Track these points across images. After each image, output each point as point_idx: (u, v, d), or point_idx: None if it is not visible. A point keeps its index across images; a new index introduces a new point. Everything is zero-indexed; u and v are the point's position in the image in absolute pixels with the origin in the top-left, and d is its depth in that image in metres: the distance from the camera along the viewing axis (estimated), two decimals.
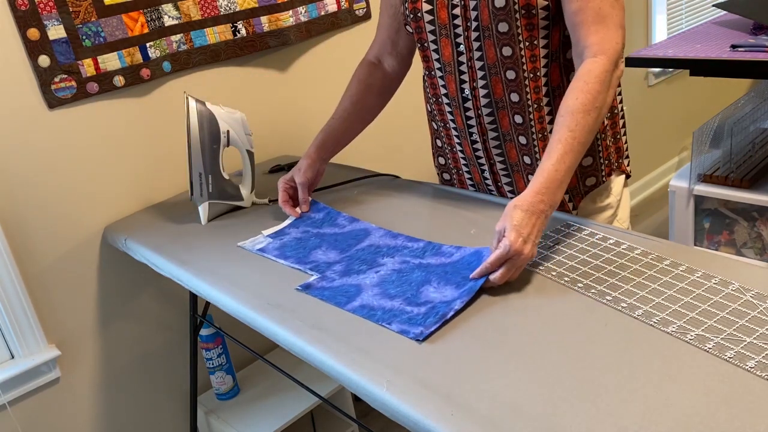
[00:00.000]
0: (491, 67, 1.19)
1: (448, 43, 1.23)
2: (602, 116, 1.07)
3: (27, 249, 1.52)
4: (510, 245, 0.96)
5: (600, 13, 1.08)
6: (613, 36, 1.08)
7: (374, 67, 1.42)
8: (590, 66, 1.07)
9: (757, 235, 2.22)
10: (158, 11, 1.61)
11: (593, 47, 1.08)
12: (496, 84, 1.20)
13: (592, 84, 1.05)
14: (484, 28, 1.17)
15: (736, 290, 0.90)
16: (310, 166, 1.40)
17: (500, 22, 1.14)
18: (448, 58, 1.24)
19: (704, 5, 3.36)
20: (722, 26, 2.25)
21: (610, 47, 1.07)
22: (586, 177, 1.27)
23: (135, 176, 1.67)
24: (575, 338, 0.86)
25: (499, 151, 1.27)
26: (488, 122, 1.25)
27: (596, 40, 1.08)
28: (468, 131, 1.29)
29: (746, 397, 0.72)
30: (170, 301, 1.80)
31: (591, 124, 1.04)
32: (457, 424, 0.75)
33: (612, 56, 1.07)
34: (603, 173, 1.28)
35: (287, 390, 1.79)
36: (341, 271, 1.13)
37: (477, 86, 1.23)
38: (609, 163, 1.29)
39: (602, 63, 1.06)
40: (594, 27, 1.08)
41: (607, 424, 0.71)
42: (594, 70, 1.06)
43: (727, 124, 2.26)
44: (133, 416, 1.79)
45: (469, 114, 1.26)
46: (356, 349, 0.91)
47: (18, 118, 1.47)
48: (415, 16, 1.25)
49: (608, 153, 1.28)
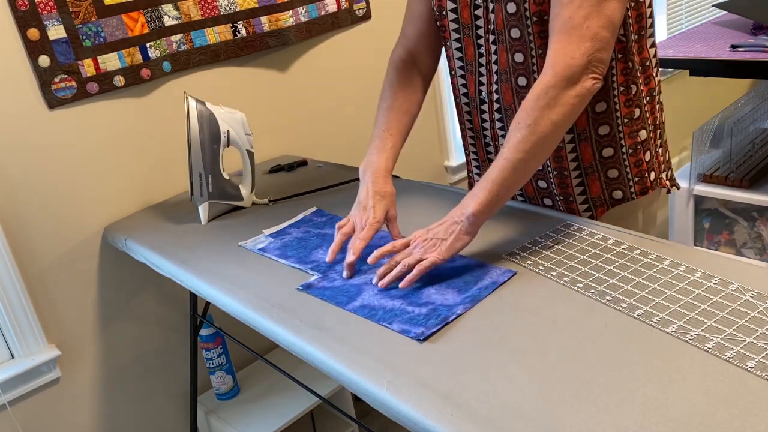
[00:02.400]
0: (503, 72, 1.17)
1: (471, 42, 1.20)
2: (539, 135, 0.98)
3: (27, 249, 1.52)
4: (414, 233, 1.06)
5: (569, 23, 0.99)
6: (572, 49, 0.98)
7: (411, 68, 1.29)
8: (535, 83, 1.00)
9: (757, 235, 2.22)
10: (158, 11, 1.61)
11: (548, 59, 1.00)
12: (506, 90, 1.17)
13: (528, 101, 1.00)
14: (498, 32, 1.14)
15: (736, 290, 0.90)
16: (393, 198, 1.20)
17: (512, 27, 1.10)
18: (470, 58, 1.22)
19: (704, 5, 3.36)
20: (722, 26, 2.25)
21: (562, 62, 0.98)
22: (612, 189, 1.20)
23: (135, 176, 1.67)
24: (575, 338, 0.86)
25: None
26: (499, 127, 1.23)
27: (551, 52, 1.00)
28: (482, 133, 1.27)
29: (746, 397, 0.72)
30: (170, 301, 1.80)
31: (520, 142, 0.98)
32: (457, 424, 0.75)
33: (561, 72, 0.98)
34: (633, 189, 1.20)
35: (287, 390, 1.79)
36: (342, 271, 1.13)
37: (492, 90, 1.21)
38: (643, 179, 1.21)
39: (545, 80, 0.99)
40: (557, 37, 1.00)
41: (607, 424, 0.71)
42: (535, 87, 1.00)
43: (727, 124, 2.26)
44: (133, 416, 1.79)
45: (484, 116, 1.25)
46: (356, 349, 0.91)
47: (18, 118, 1.47)
48: (440, 14, 1.22)
49: (642, 170, 1.20)
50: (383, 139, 1.23)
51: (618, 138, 1.16)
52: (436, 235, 1.03)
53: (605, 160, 1.18)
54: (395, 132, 1.24)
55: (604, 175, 1.19)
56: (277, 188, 1.62)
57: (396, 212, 1.19)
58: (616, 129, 1.16)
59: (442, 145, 2.39)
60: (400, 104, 1.26)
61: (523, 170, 1.01)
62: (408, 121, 1.27)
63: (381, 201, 1.16)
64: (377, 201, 1.16)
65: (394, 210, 1.18)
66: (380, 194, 1.17)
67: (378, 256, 1.06)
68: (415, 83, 1.29)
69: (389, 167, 1.22)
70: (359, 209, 1.17)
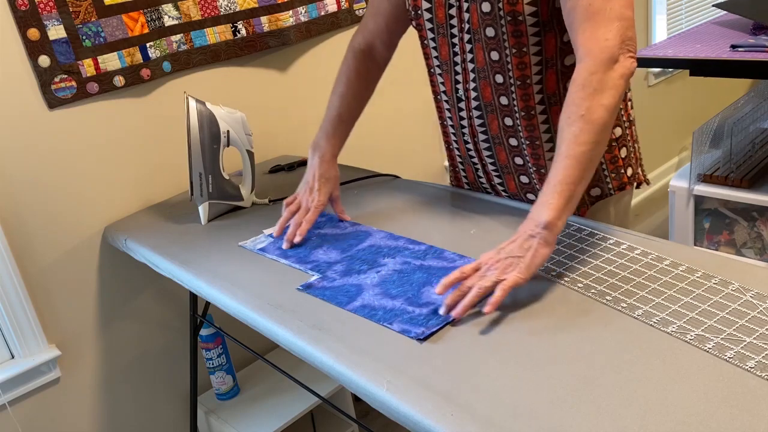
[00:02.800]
0: (480, 70, 1.18)
1: (445, 42, 1.22)
2: (595, 124, 0.95)
3: (27, 249, 1.52)
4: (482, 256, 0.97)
5: (590, 9, 0.98)
6: (603, 33, 0.97)
7: (368, 57, 1.36)
8: (575, 74, 0.99)
9: (757, 235, 2.22)
10: (158, 11, 1.61)
11: (580, 50, 1.00)
12: (485, 87, 1.19)
13: (574, 93, 0.97)
14: (474, 31, 1.15)
15: (736, 290, 0.90)
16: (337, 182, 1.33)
17: (487, 26, 1.12)
18: (445, 57, 1.24)
19: (704, 5, 3.36)
20: (722, 26, 2.25)
21: (597, 46, 0.97)
22: (590, 187, 1.23)
23: (135, 176, 1.67)
24: (575, 338, 0.86)
25: (489, 152, 1.27)
26: (478, 124, 1.24)
27: (582, 41, 0.99)
28: (461, 131, 1.29)
29: (746, 397, 0.72)
30: (170, 301, 1.80)
31: (578, 135, 0.95)
32: (457, 424, 0.75)
33: (599, 56, 0.97)
34: (610, 186, 1.23)
35: (287, 390, 1.79)
36: (342, 271, 1.13)
37: (469, 88, 1.22)
38: (619, 175, 1.24)
39: (585, 67, 0.98)
40: (583, 26, 0.99)
41: (607, 424, 0.71)
42: (577, 77, 0.98)
43: (727, 124, 2.26)
44: (133, 416, 1.79)
45: (462, 114, 1.26)
46: (356, 349, 0.91)
47: (18, 118, 1.47)
48: (415, 13, 1.24)
49: (617, 166, 1.23)
50: (334, 125, 1.33)
51: None
52: (510, 253, 0.94)
53: None
54: (346, 118, 1.34)
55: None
56: (277, 188, 1.62)
57: (339, 193, 1.33)
58: None
59: (441, 146, 2.39)
60: (354, 92, 1.35)
61: (588, 162, 0.96)
62: (359, 108, 1.37)
63: (325, 184, 1.29)
64: (322, 184, 1.29)
65: (337, 191, 1.33)
66: (325, 177, 1.30)
67: (447, 284, 0.96)
68: (370, 73, 1.37)
69: (335, 152, 1.34)
70: (306, 189, 1.30)
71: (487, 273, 0.94)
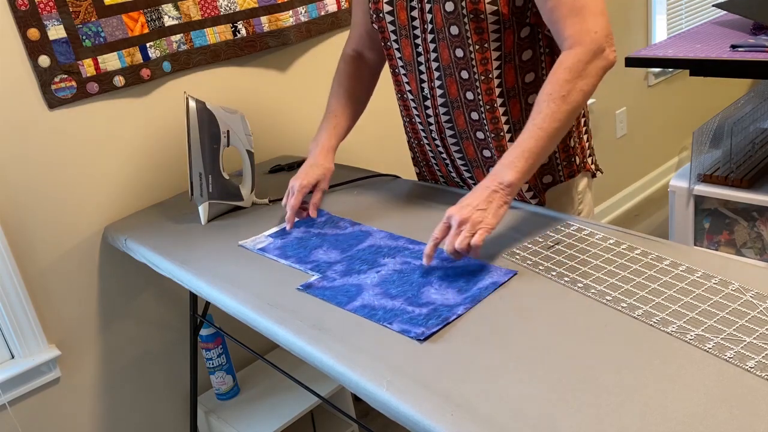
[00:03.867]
0: (446, 68, 1.22)
1: (408, 43, 1.26)
2: (572, 105, 1.05)
3: (27, 249, 1.52)
4: (447, 212, 1.04)
5: (575, 6, 1.07)
6: (591, 26, 1.06)
7: (358, 61, 1.44)
8: (562, 57, 1.07)
9: (757, 235, 2.22)
10: (158, 11, 1.61)
11: (569, 40, 1.07)
12: (451, 84, 1.24)
13: (559, 73, 1.05)
14: (438, 30, 1.20)
15: (736, 290, 0.90)
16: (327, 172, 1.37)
17: (451, 25, 1.17)
18: (408, 58, 1.28)
19: (704, 5, 3.36)
20: (722, 26, 2.25)
21: (587, 37, 1.06)
22: (542, 174, 1.29)
23: (135, 176, 1.67)
24: (575, 338, 0.86)
25: (457, 148, 1.31)
26: (445, 121, 1.29)
27: (572, 33, 1.07)
28: (429, 128, 1.33)
29: (746, 397, 0.72)
30: (170, 301, 1.80)
31: (555, 112, 1.04)
32: (457, 424, 0.75)
33: (589, 46, 1.05)
34: (561, 173, 1.30)
35: (287, 390, 1.79)
36: (342, 271, 1.13)
37: (434, 86, 1.26)
38: (570, 163, 1.30)
39: (575, 53, 1.06)
40: (570, 20, 1.07)
41: (607, 424, 0.71)
42: (565, 60, 1.06)
43: (727, 124, 2.26)
44: (133, 416, 1.79)
45: (429, 112, 1.31)
46: (356, 349, 0.91)
47: (18, 118, 1.47)
48: (377, 16, 1.28)
49: (569, 154, 1.30)
50: (328, 120, 1.40)
51: None
52: (476, 206, 1.03)
53: None
54: (339, 113, 1.40)
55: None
56: (277, 188, 1.62)
57: (326, 186, 1.35)
58: None
59: None
60: (344, 90, 1.41)
61: (556, 138, 1.06)
62: (353, 104, 1.42)
63: (312, 170, 1.33)
64: (309, 169, 1.33)
65: (324, 183, 1.35)
66: (315, 165, 1.34)
67: (430, 254, 1.05)
68: (362, 72, 1.44)
69: (332, 144, 1.38)
70: (294, 177, 1.34)
71: (461, 231, 1.02)
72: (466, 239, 1.01)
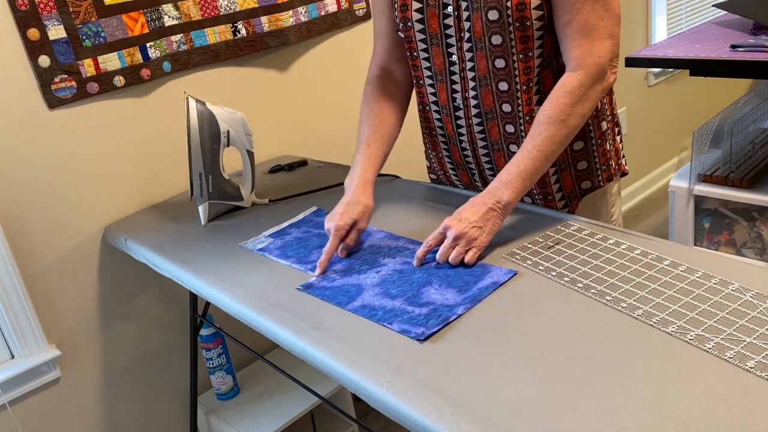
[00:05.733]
0: (482, 78, 1.19)
1: (440, 52, 1.22)
2: (572, 128, 1.09)
3: (27, 249, 1.52)
4: (445, 222, 1.07)
5: (586, 26, 1.08)
6: (597, 49, 1.08)
7: (386, 81, 1.33)
8: (565, 79, 1.09)
9: (757, 235, 2.22)
10: (158, 11, 1.61)
11: (573, 61, 1.09)
12: (486, 95, 1.20)
13: (561, 97, 1.08)
14: (476, 39, 1.16)
15: (736, 290, 0.90)
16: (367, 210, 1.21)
17: (494, 34, 1.13)
18: (439, 67, 1.24)
19: (704, 5, 3.36)
20: (722, 26, 2.25)
21: (591, 61, 1.08)
22: (581, 180, 1.27)
23: (135, 176, 1.67)
24: (575, 338, 0.86)
25: (487, 158, 1.28)
26: (478, 131, 1.26)
27: (578, 54, 1.09)
28: (458, 138, 1.30)
29: (746, 397, 0.72)
30: (170, 301, 1.80)
31: (554, 135, 1.08)
32: (457, 424, 0.75)
33: (592, 70, 1.08)
34: (600, 178, 1.28)
35: (287, 390, 1.79)
36: (342, 271, 1.13)
37: (468, 96, 1.23)
38: (608, 167, 1.29)
39: (578, 78, 1.08)
40: (578, 40, 1.09)
41: (607, 424, 0.71)
42: (568, 84, 1.08)
43: (727, 124, 2.26)
44: (133, 416, 1.79)
45: (460, 123, 1.27)
46: (356, 349, 0.91)
47: (18, 118, 1.47)
48: (405, 25, 1.23)
49: (607, 158, 1.28)
50: (361, 151, 1.27)
51: (588, 131, 1.23)
52: (472, 223, 1.07)
53: (576, 153, 1.24)
54: (372, 142, 1.28)
55: (574, 168, 1.25)
56: (277, 188, 1.62)
57: (365, 225, 1.20)
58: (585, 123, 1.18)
59: None
60: (375, 116, 1.30)
61: (551, 160, 1.10)
62: (386, 130, 1.30)
63: (350, 207, 1.19)
64: (347, 208, 1.19)
65: (364, 223, 1.19)
66: (353, 202, 1.20)
67: (421, 258, 1.09)
68: (392, 94, 1.33)
69: (369, 178, 1.24)
70: (329, 216, 1.20)
71: (455, 245, 1.06)
72: (460, 255, 1.06)
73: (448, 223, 1.07)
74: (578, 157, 1.25)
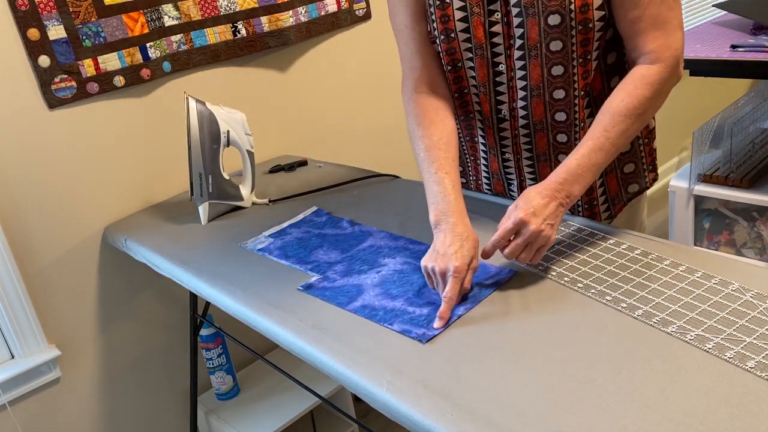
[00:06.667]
0: (534, 87, 1.12)
1: (483, 63, 1.14)
2: (643, 123, 1.03)
3: (27, 249, 1.52)
4: (519, 215, 0.96)
5: (659, 19, 1.03)
6: (673, 41, 1.04)
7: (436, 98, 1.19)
8: (644, 71, 1.03)
9: (757, 235, 2.22)
10: (158, 11, 1.61)
11: (651, 55, 1.04)
12: (537, 105, 1.14)
13: (641, 89, 1.02)
14: (530, 47, 1.09)
15: (736, 290, 0.90)
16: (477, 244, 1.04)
17: (553, 40, 1.07)
18: (482, 79, 1.16)
19: (704, 5, 3.36)
20: (722, 26, 2.25)
21: (669, 54, 1.03)
22: (628, 184, 1.23)
23: (135, 176, 1.67)
24: (575, 338, 0.86)
25: (531, 170, 1.22)
26: (524, 143, 1.19)
27: (655, 47, 1.04)
28: (501, 150, 1.23)
29: (746, 397, 0.72)
30: (170, 301, 1.80)
31: (628, 129, 1.02)
32: (457, 424, 0.75)
33: (671, 63, 1.03)
34: (647, 179, 1.24)
35: (287, 390, 1.79)
36: (342, 271, 1.13)
37: (516, 106, 1.16)
38: (654, 168, 1.25)
39: (658, 71, 1.03)
40: (653, 34, 1.04)
41: (607, 424, 0.71)
42: (648, 76, 1.03)
43: (727, 124, 2.26)
44: (133, 416, 1.79)
45: (505, 134, 1.20)
46: (356, 350, 0.91)
47: (18, 118, 1.47)
48: (447, 36, 1.14)
49: (653, 158, 1.24)
50: (440, 181, 1.10)
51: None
52: (546, 216, 0.97)
53: (622, 156, 1.20)
54: (447, 168, 1.12)
55: (620, 171, 1.21)
56: (277, 188, 1.62)
57: (477, 264, 1.02)
58: None
59: None
60: (438, 138, 1.14)
61: (617, 155, 1.05)
62: (452, 151, 1.15)
63: (462, 244, 1.00)
64: (459, 245, 1.00)
65: (477, 261, 1.01)
66: (462, 237, 1.01)
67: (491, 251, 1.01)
68: (442, 110, 1.18)
69: (462, 206, 1.07)
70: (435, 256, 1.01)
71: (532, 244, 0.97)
72: (536, 258, 0.99)
73: (523, 216, 0.96)
74: (625, 159, 1.20)
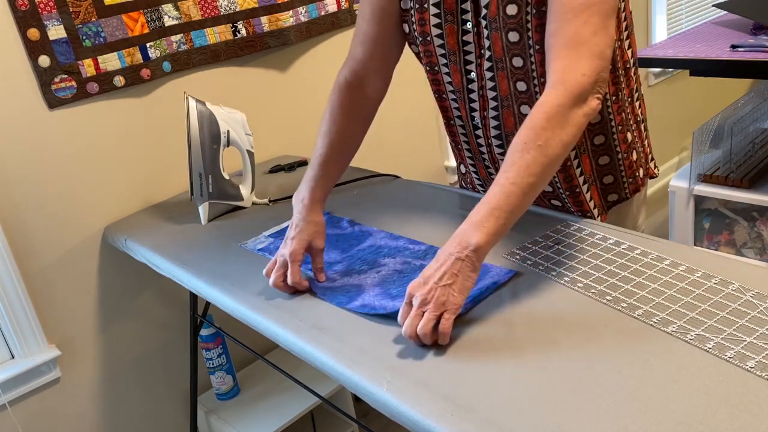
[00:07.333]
0: (504, 99, 1.12)
1: (457, 69, 1.15)
2: (550, 157, 0.91)
3: (27, 249, 1.52)
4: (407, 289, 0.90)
5: (575, 38, 0.94)
6: (581, 66, 0.93)
7: (357, 92, 1.20)
8: (544, 98, 0.94)
9: (757, 235, 2.22)
10: (158, 11, 1.61)
11: (554, 75, 0.95)
12: (508, 117, 1.13)
13: (537, 119, 0.92)
14: (497, 59, 1.08)
15: (736, 290, 0.90)
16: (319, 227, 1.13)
17: (514, 56, 1.06)
18: (457, 85, 1.17)
19: (704, 5, 3.36)
20: (722, 26, 2.25)
21: (573, 78, 0.92)
22: (607, 194, 1.22)
23: (135, 176, 1.67)
24: (575, 338, 0.86)
25: None
26: (498, 152, 1.19)
27: (559, 67, 0.94)
28: (480, 156, 1.25)
29: (746, 397, 0.72)
30: (170, 301, 1.80)
31: (530, 164, 0.90)
32: (457, 424, 0.75)
33: (573, 89, 0.92)
34: (627, 191, 1.22)
35: (287, 390, 1.79)
36: (342, 271, 1.13)
37: (488, 116, 1.16)
38: (635, 179, 1.22)
39: (556, 96, 0.92)
40: (563, 51, 0.94)
41: (607, 424, 0.71)
42: (545, 104, 0.93)
43: (727, 124, 2.26)
44: (133, 416, 1.79)
45: (480, 141, 1.21)
46: (356, 349, 0.91)
47: (18, 118, 1.47)
48: (424, 39, 1.15)
49: (633, 170, 1.21)
50: (316, 168, 1.16)
51: (613, 145, 1.17)
52: (438, 280, 0.88)
53: (601, 168, 1.19)
54: (331, 161, 1.17)
55: (600, 182, 1.20)
56: (277, 188, 1.62)
57: (322, 244, 1.11)
58: (610, 137, 1.16)
59: (442, 145, 2.40)
60: (339, 131, 1.18)
61: (531, 195, 0.92)
62: (348, 152, 1.20)
63: (301, 232, 1.10)
64: (297, 232, 1.10)
65: (320, 241, 1.11)
66: (304, 222, 1.11)
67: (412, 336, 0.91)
68: (360, 108, 1.20)
69: (319, 197, 1.15)
70: (283, 244, 1.11)
71: (424, 311, 0.88)
72: (429, 322, 0.86)
73: (411, 288, 0.90)
74: (604, 171, 1.19)
